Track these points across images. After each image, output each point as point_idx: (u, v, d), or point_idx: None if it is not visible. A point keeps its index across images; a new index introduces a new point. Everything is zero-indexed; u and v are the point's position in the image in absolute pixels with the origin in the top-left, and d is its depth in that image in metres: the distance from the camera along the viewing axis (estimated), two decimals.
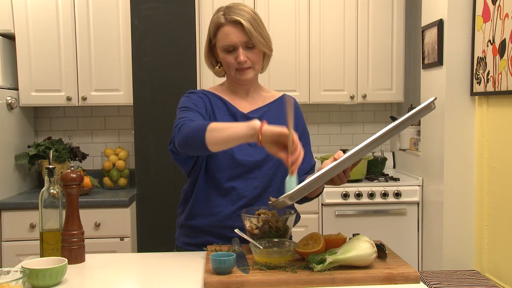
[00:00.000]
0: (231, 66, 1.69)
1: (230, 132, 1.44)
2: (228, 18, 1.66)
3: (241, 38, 1.65)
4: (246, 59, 1.67)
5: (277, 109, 1.79)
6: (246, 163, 1.69)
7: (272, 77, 3.34)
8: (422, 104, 1.39)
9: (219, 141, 1.46)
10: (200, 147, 1.49)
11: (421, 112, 1.41)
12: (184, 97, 1.75)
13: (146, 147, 2.96)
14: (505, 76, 2.41)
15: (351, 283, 1.34)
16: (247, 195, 1.70)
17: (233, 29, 1.65)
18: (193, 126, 1.53)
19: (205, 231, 1.71)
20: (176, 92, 2.94)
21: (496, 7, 2.49)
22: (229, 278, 1.33)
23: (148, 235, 2.96)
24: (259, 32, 1.66)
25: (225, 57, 1.69)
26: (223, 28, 1.66)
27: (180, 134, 1.55)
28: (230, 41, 1.65)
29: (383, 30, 3.44)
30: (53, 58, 3.20)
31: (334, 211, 3.17)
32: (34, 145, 3.24)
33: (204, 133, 1.47)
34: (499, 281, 2.54)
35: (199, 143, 1.48)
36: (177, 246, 1.80)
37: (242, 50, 1.66)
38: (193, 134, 1.50)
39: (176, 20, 2.95)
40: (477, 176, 2.78)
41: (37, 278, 1.33)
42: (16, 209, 2.91)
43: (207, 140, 1.46)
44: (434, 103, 1.40)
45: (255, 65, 1.71)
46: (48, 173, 1.56)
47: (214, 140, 1.46)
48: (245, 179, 1.70)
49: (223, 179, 1.69)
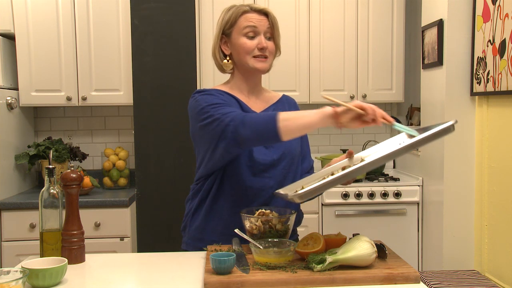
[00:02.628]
0: (249, 51, 1.70)
1: (304, 121, 1.46)
2: (253, 7, 1.72)
3: (264, 24, 1.70)
4: (267, 46, 1.71)
5: (280, 110, 1.79)
6: (263, 162, 1.69)
7: (272, 77, 3.34)
8: (442, 126, 1.42)
9: (294, 130, 1.48)
10: (272, 137, 1.48)
11: (441, 134, 1.43)
12: (203, 96, 1.66)
13: (146, 147, 2.95)
14: (505, 76, 2.41)
15: (351, 283, 1.34)
16: (263, 195, 1.69)
17: (258, 16, 1.71)
18: (259, 118, 1.51)
19: (216, 233, 1.71)
20: (176, 92, 2.95)
21: (496, 7, 2.49)
22: (229, 278, 1.33)
23: (148, 235, 2.96)
24: (277, 28, 1.74)
25: (245, 42, 1.70)
26: (247, 14, 1.71)
27: (246, 127, 1.50)
28: (254, 24, 1.69)
29: (383, 30, 3.44)
30: (53, 58, 3.20)
31: (334, 211, 3.17)
32: (34, 145, 3.24)
33: (276, 123, 1.46)
34: (499, 281, 2.54)
35: (272, 133, 1.47)
36: (183, 250, 1.79)
37: (263, 37, 1.70)
38: (263, 125, 1.49)
39: (176, 20, 2.95)
40: (477, 176, 2.78)
41: (37, 278, 1.33)
42: (16, 209, 2.91)
43: (281, 130, 1.46)
44: (453, 126, 1.42)
45: (270, 56, 1.74)
46: (48, 173, 1.56)
47: (289, 129, 1.47)
48: (261, 178, 1.69)
49: (241, 179, 1.68)
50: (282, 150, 1.72)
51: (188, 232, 1.78)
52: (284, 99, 1.87)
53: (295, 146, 1.76)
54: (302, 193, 1.39)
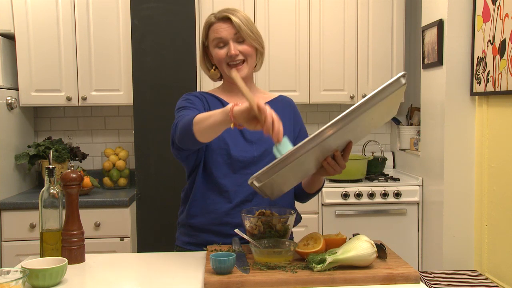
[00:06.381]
0: (223, 61, 1.71)
1: (211, 121, 1.45)
2: (217, 16, 1.71)
3: (230, 32, 1.69)
4: (238, 53, 1.69)
5: (274, 109, 1.79)
6: (242, 159, 1.70)
7: (272, 77, 3.34)
8: (391, 79, 1.33)
9: (204, 131, 1.48)
10: (192, 140, 1.51)
11: (390, 87, 1.33)
12: (180, 99, 1.78)
13: (146, 147, 2.95)
14: (505, 76, 2.41)
15: (351, 283, 1.34)
16: (244, 191, 1.70)
17: (223, 25, 1.69)
18: (184, 121, 1.55)
19: (204, 230, 1.72)
20: (176, 92, 2.94)
21: (496, 7, 2.49)
22: (229, 278, 1.33)
23: (148, 235, 2.96)
24: (248, 27, 1.69)
25: (217, 53, 1.72)
26: (213, 26, 1.72)
27: (177, 131, 1.59)
28: (220, 35, 1.69)
29: (383, 30, 3.44)
30: (53, 58, 3.20)
31: (334, 211, 3.17)
32: (34, 145, 3.24)
33: (192, 126, 1.49)
34: (499, 281, 2.54)
35: (191, 136, 1.50)
36: (177, 246, 1.80)
37: (232, 43, 1.69)
38: (185, 129, 1.53)
39: (176, 20, 2.95)
40: (477, 176, 2.78)
41: (37, 278, 1.33)
42: (16, 209, 2.91)
43: (195, 133, 1.49)
44: (404, 78, 1.34)
45: (248, 58, 1.72)
46: (48, 173, 1.56)
47: (201, 132, 1.48)
48: (242, 175, 1.70)
49: (220, 176, 1.70)
50: (265, 147, 1.72)
51: (179, 228, 1.82)
52: (280, 99, 1.87)
53: None
54: (258, 174, 1.34)
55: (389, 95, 1.33)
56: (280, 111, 1.81)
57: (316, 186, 1.76)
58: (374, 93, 1.32)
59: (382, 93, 1.32)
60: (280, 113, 1.81)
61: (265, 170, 1.34)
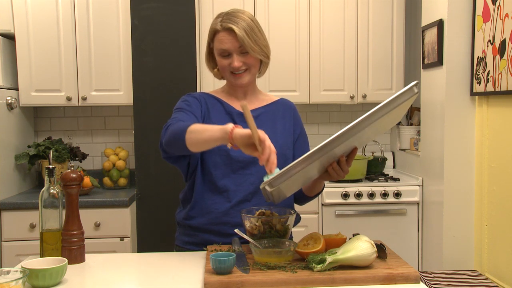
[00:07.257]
0: (226, 70, 1.73)
1: (206, 135, 1.48)
2: (223, 25, 1.68)
3: (234, 44, 1.67)
4: (241, 64, 1.69)
5: (274, 112, 1.81)
6: (242, 159, 1.70)
7: (272, 77, 3.34)
8: (404, 88, 1.36)
9: (197, 143, 1.50)
10: (182, 147, 1.53)
11: (403, 96, 1.35)
12: (180, 100, 1.79)
13: (146, 147, 2.95)
14: (505, 76, 2.41)
15: (351, 283, 1.34)
16: (243, 191, 1.71)
17: (227, 36, 1.67)
18: (177, 127, 1.56)
19: (203, 230, 1.72)
20: (176, 92, 2.95)
21: (496, 7, 2.49)
22: (229, 278, 1.33)
23: (148, 235, 2.96)
24: (253, 40, 1.67)
25: (220, 61, 1.72)
26: (218, 34, 1.70)
27: (167, 133, 1.60)
28: (224, 46, 1.69)
29: (383, 30, 3.44)
30: (53, 58, 3.20)
31: (334, 211, 3.17)
32: (34, 145, 3.24)
33: (185, 134, 1.51)
34: (499, 281, 2.54)
35: (181, 143, 1.52)
36: (177, 246, 1.80)
37: (236, 56, 1.69)
38: (176, 134, 1.54)
39: (176, 20, 2.95)
40: (477, 176, 2.78)
41: (37, 278, 1.33)
42: (16, 209, 2.91)
43: (187, 141, 1.51)
44: (417, 87, 1.36)
45: (251, 68, 1.72)
46: (48, 173, 1.56)
47: (193, 142, 1.50)
48: (241, 175, 1.71)
49: (219, 176, 1.71)
50: None
51: (178, 228, 1.83)
52: (281, 102, 1.87)
53: (282, 144, 1.75)
54: (271, 179, 1.36)
55: (401, 104, 1.35)
56: (280, 114, 1.82)
57: (317, 190, 1.76)
58: (387, 101, 1.34)
59: (395, 102, 1.34)
60: (281, 116, 1.82)
61: (279, 175, 1.36)
